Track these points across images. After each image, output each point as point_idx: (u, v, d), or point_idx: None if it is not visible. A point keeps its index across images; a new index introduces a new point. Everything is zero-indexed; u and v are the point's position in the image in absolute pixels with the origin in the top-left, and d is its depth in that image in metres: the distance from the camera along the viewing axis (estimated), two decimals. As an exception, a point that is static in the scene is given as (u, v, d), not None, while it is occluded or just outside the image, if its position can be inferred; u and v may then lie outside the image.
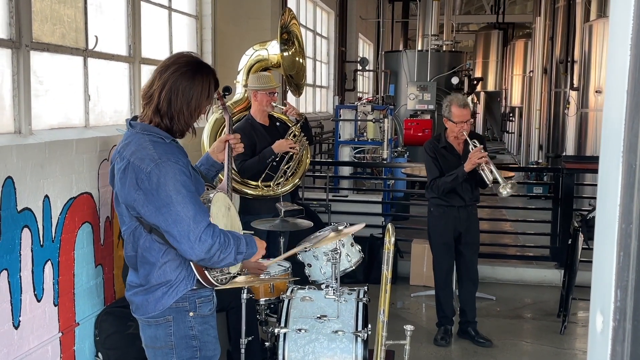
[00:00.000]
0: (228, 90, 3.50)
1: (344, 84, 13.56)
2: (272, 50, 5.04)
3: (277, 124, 4.98)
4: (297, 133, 4.89)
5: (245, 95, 5.09)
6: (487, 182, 4.79)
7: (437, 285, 5.25)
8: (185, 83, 2.47)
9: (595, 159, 8.11)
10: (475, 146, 4.78)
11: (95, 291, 4.36)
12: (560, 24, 11.31)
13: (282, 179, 4.85)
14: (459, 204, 5.01)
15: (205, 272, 2.53)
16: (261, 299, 4.14)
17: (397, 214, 8.32)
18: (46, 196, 3.80)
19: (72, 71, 4.36)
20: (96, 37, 4.45)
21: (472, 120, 4.87)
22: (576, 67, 10.38)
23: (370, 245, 6.63)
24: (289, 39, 5.09)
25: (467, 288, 5.19)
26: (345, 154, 8.88)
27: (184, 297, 2.54)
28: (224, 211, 2.72)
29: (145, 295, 2.55)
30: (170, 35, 5.80)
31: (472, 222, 5.16)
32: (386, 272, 2.81)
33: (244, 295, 3.79)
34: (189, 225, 2.36)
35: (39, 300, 3.74)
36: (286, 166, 4.86)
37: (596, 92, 9.05)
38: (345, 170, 8.91)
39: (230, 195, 2.89)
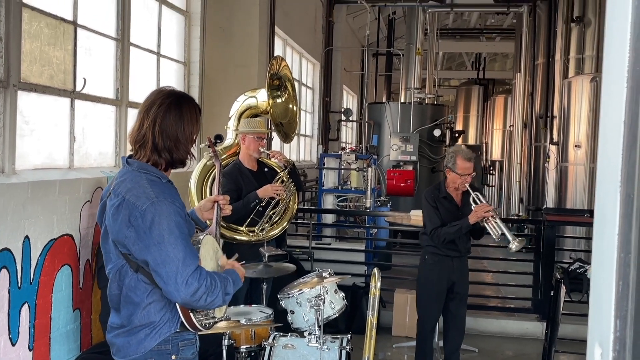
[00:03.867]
0: (219, 138, 3.52)
1: (328, 133, 13.68)
2: (261, 97, 5.09)
3: (266, 169, 4.99)
4: (285, 179, 4.89)
5: (236, 141, 5.11)
6: (494, 237, 4.80)
7: (421, 336, 5.16)
8: (174, 113, 2.50)
9: (576, 212, 8.20)
10: (480, 199, 4.82)
11: (72, 336, 4.26)
12: (540, 80, 11.57)
13: (266, 225, 4.83)
14: (455, 254, 4.98)
15: (191, 314, 2.49)
16: (242, 346, 4.06)
17: (379, 263, 8.28)
18: (26, 237, 3.74)
19: (59, 112, 4.36)
20: (84, 79, 4.47)
21: (475, 173, 4.92)
22: (555, 122, 10.58)
23: (352, 294, 6.57)
24: (280, 84, 5.15)
25: (455, 339, 5.12)
26: (329, 202, 8.88)
27: (166, 339, 2.49)
28: (211, 254, 2.71)
29: (127, 337, 2.50)
30: (158, 80, 5.85)
31: (465, 273, 5.14)
32: (371, 318, 2.78)
33: (225, 342, 3.72)
34: (178, 267, 2.34)
35: (13, 344, 3.64)
36: (272, 211, 4.84)
37: (575, 146, 9.21)
38: (329, 218, 8.90)
39: (218, 241, 2.88)
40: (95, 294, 4.54)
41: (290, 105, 5.25)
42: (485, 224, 4.77)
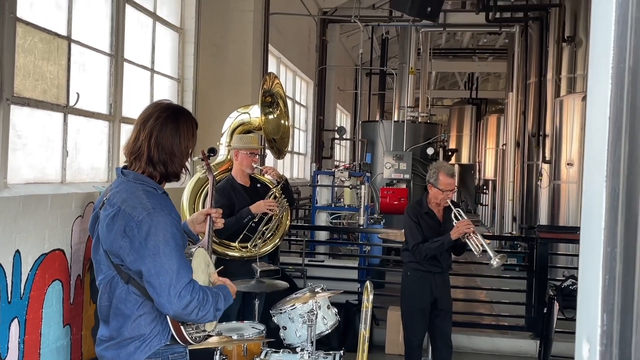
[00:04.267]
0: (213, 151, 3.53)
1: (321, 151, 13.71)
2: (254, 113, 5.11)
3: (258, 185, 4.99)
4: (277, 195, 4.89)
5: (228, 157, 5.11)
6: (475, 253, 4.81)
7: (409, 353, 5.14)
8: (170, 126, 2.50)
9: (568, 229, 8.21)
10: (461, 215, 4.83)
11: (62, 352, 4.21)
12: (532, 99, 11.65)
13: (259, 240, 4.82)
14: (437, 270, 4.99)
15: (181, 327, 2.48)
16: (234, 363, 4.03)
17: (373, 280, 8.24)
18: (17, 251, 3.72)
19: (52, 127, 4.36)
20: (77, 94, 4.48)
21: (456, 189, 4.94)
22: (548, 141, 10.63)
23: (345, 312, 6.54)
24: (272, 101, 5.17)
25: (444, 355, 5.11)
26: (322, 219, 8.88)
27: (156, 352, 2.47)
28: (203, 267, 2.70)
29: (117, 350, 2.47)
30: (151, 95, 5.87)
31: (447, 288, 5.15)
32: (364, 331, 2.77)
33: (217, 357, 3.68)
34: (172, 278, 2.33)
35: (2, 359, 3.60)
36: (265, 227, 4.83)
37: (568, 164, 9.26)
38: (322, 235, 8.89)
39: (210, 254, 2.87)
40: (87, 309, 4.51)
41: (283, 121, 5.27)
42: (466, 240, 4.78)
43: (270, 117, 5.11)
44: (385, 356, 6.56)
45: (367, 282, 2.93)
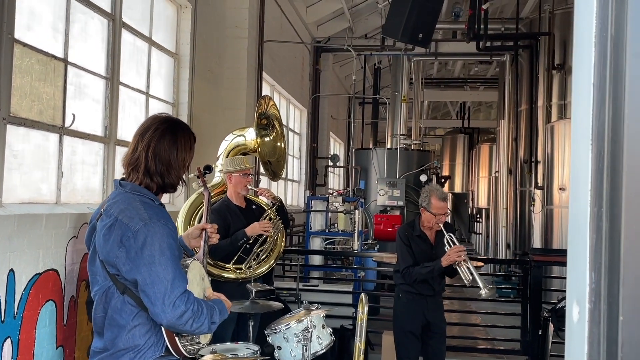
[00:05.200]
0: (209, 168, 3.57)
1: (315, 179, 13.75)
2: (249, 136, 5.15)
3: (254, 207, 5.00)
4: (272, 217, 4.91)
5: (223, 180, 5.13)
6: (465, 281, 4.80)
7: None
8: (168, 138, 2.54)
9: (562, 252, 8.23)
10: (453, 242, 4.82)
11: (55, 374, 4.17)
12: (524, 126, 11.78)
13: (253, 262, 4.82)
14: (429, 293, 4.96)
15: (176, 339, 2.48)
16: (228, 383, 4.00)
17: (369, 305, 8.22)
18: (11, 270, 3.71)
19: (47, 147, 4.38)
20: (73, 115, 4.52)
21: (448, 212, 4.95)
22: (540, 167, 10.72)
23: (340, 336, 6.50)
24: (268, 123, 5.21)
25: None
26: (316, 244, 8.87)
27: (150, 364, 2.46)
28: (198, 280, 2.71)
29: (111, 362, 2.47)
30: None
31: (440, 311, 5.11)
32: (359, 344, 2.77)
33: (211, 376, 3.66)
34: (166, 288, 2.34)
35: (-6, 379, 3.56)
36: (259, 249, 4.83)
37: (560, 189, 9.32)
38: (316, 260, 8.88)
39: (204, 268, 2.89)
40: (80, 331, 4.47)
41: (279, 144, 5.30)
42: (457, 267, 4.76)
43: (267, 139, 5.15)
44: (380, 381, 6.50)
45: (362, 295, 2.94)
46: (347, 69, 17.12)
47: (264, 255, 4.89)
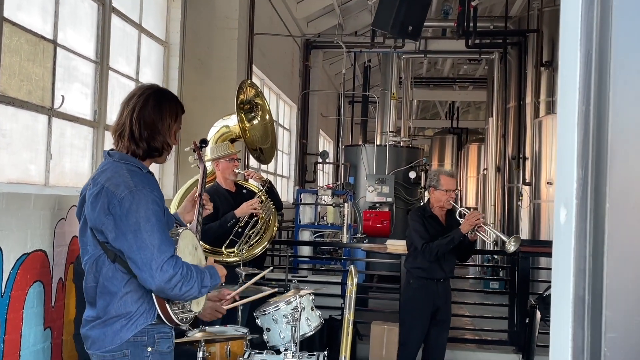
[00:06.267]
0: (205, 142, 3.57)
1: (304, 175, 13.75)
2: (233, 122, 5.13)
3: (244, 191, 5.00)
4: (263, 199, 4.91)
5: (213, 169, 5.12)
6: (489, 242, 4.81)
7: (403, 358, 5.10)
8: (152, 103, 2.55)
9: (549, 243, 8.27)
10: (467, 211, 4.85)
11: (42, 356, 4.14)
12: (512, 123, 11.85)
13: (245, 245, 4.82)
14: (439, 276, 4.93)
15: (167, 306, 2.48)
16: (217, 365, 3.99)
17: (358, 295, 8.22)
18: (-1, 248, 3.68)
19: (36, 128, 4.36)
20: (62, 96, 4.50)
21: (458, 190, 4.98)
22: (528, 164, 10.78)
23: (329, 327, 6.50)
24: (251, 106, 5.20)
25: None
26: (306, 237, 8.88)
27: (142, 331, 2.47)
28: (190, 249, 2.71)
29: (103, 329, 2.47)
30: (136, 106, 5.89)
31: (448, 298, 5.09)
32: (348, 315, 2.78)
33: (200, 354, 3.65)
34: (153, 253, 2.35)
35: (-19, 358, 3.54)
36: (251, 231, 4.83)
37: (548, 183, 9.38)
38: (305, 251, 8.88)
39: (198, 238, 2.88)
40: (67, 314, 4.45)
41: (268, 118, 5.28)
42: (477, 232, 4.72)
43: (255, 122, 5.15)
44: (368, 371, 6.52)
45: (352, 267, 2.95)
46: (336, 67, 17.14)
47: (257, 237, 4.88)
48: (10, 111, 4.05)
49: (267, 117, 5.32)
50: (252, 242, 4.83)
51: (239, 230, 4.74)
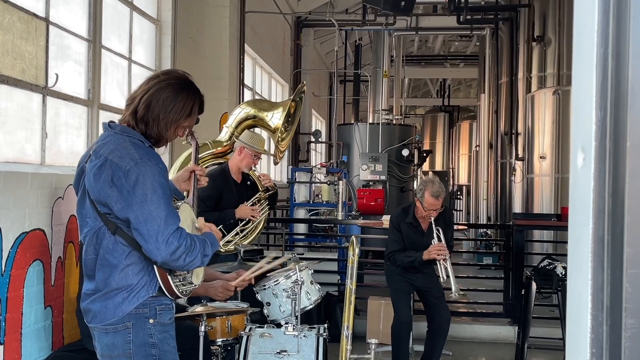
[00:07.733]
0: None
1: (297, 155, 13.74)
2: (276, 117, 5.11)
3: (248, 182, 5.00)
4: (262, 199, 4.95)
5: (230, 141, 5.11)
6: (441, 278, 5.00)
7: (396, 332, 5.24)
8: (168, 93, 2.50)
9: (543, 216, 8.35)
10: (439, 238, 4.95)
11: (44, 334, 4.16)
12: (504, 99, 11.85)
13: (236, 237, 4.86)
14: (414, 272, 5.23)
15: (169, 278, 2.49)
16: (218, 339, 4.02)
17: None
18: (-2, 227, 3.68)
19: (31, 107, 4.34)
20: (56, 75, 4.47)
21: (442, 208, 5.05)
22: (520, 139, 10.81)
23: (326, 303, 6.55)
24: (292, 120, 5.23)
25: (440, 328, 5.23)
26: (301, 215, 8.90)
27: (144, 303, 2.48)
28: (189, 222, 2.72)
29: (104, 302, 2.47)
30: (129, 84, 5.86)
31: (432, 279, 5.32)
32: (350, 285, 2.81)
33: (202, 328, 3.67)
34: (159, 225, 2.35)
35: (-16, 336, 3.55)
36: (242, 228, 4.88)
37: (540, 157, 9.42)
38: (301, 229, 8.92)
39: (195, 212, 2.88)
40: (67, 292, 4.46)
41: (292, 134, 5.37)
42: (436, 264, 4.99)
43: (288, 132, 5.20)
44: (366, 345, 6.58)
45: (353, 237, 2.97)
46: (328, 46, 17.06)
47: (243, 235, 4.94)
48: (5, 90, 4.02)
49: (292, 133, 5.41)
50: (241, 237, 4.90)
51: (231, 222, 4.80)
